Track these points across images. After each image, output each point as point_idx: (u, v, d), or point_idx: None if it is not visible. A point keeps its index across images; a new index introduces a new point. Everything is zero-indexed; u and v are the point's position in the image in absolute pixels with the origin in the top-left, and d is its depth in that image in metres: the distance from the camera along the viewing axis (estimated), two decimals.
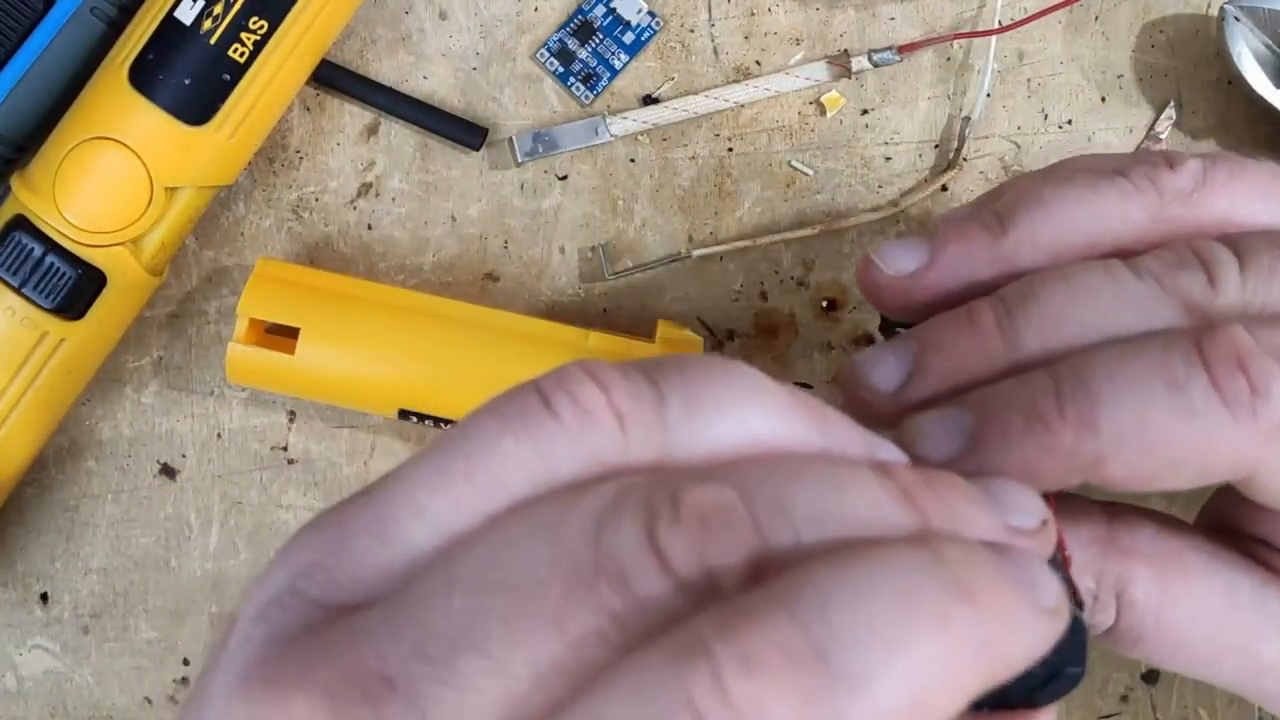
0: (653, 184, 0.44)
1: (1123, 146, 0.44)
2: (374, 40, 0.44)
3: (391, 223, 0.44)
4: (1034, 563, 0.21)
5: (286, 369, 0.40)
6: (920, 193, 0.44)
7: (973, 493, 0.22)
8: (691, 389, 0.21)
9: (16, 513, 0.45)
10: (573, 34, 0.44)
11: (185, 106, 0.38)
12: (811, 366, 0.44)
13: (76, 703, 0.45)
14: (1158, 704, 0.44)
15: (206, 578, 0.45)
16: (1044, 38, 0.44)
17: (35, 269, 0.39)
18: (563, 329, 0.41)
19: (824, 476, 0.20)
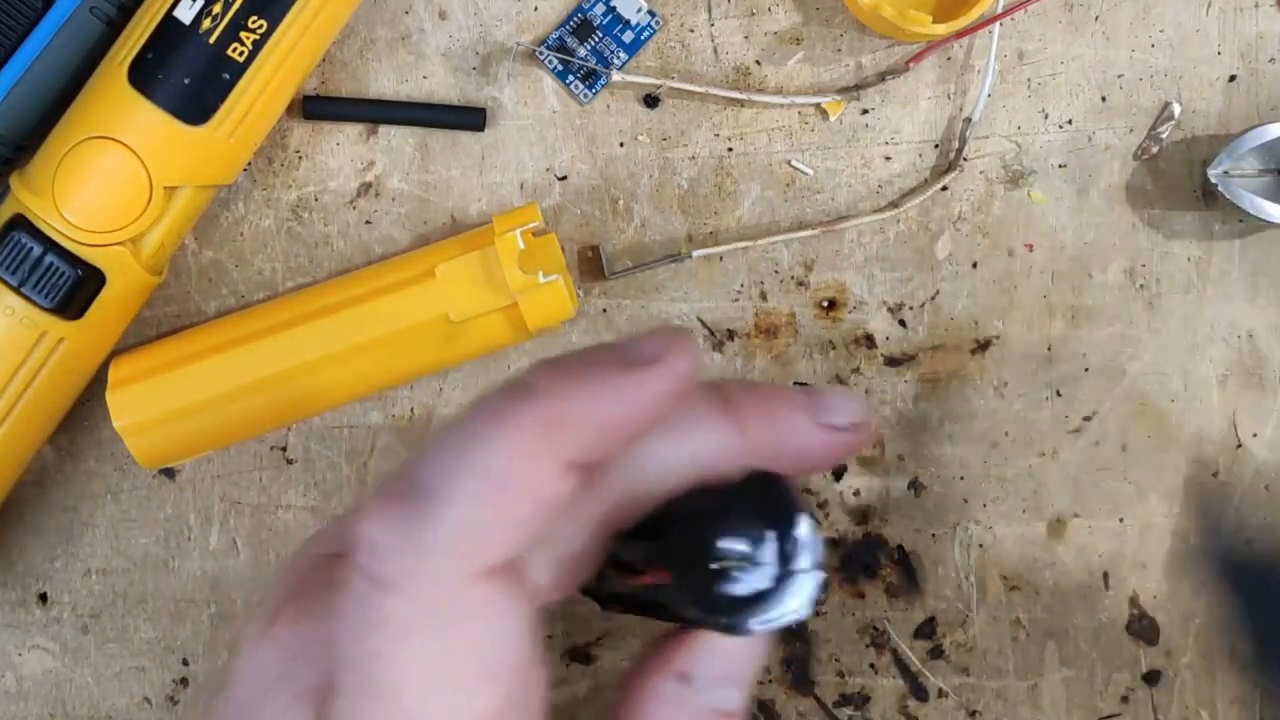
0: (653, 184, 0.44)
1: (1123, 146, 0.44)
2: (374, 40, 0.44)
3: (391, 223, 0.44)
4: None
5: (190, 437, 0.42)
6: (920, 193, 0.44)
7: (797, 399, 0.27)
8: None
9: (16, 513, 0.45)
10: (572, 32, 0.44)
11: (184, 106, 0.38)
12: (812, 366, 0.44)
13: (76, 703, 0.45)
14: (1158, 704, 0.44)
15: (206, 578, 0.45)
16: (1044, 38, 0.44)
17: (34, 268, 0.39)
18: (409, 267, 0.42)
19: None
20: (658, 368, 0.24)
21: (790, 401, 0.27)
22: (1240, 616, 0.44)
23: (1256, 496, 0.44)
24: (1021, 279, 0.44)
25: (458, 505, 0.22)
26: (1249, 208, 0.42)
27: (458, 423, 0.23)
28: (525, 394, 0.23)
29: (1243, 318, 0.44)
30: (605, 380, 0.24)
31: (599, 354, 0.24)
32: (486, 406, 0.23)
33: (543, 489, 0.23)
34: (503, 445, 0.22)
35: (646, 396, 0.24)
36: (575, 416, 0.23)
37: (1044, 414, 0.44)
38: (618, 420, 0.24)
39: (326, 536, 0.28)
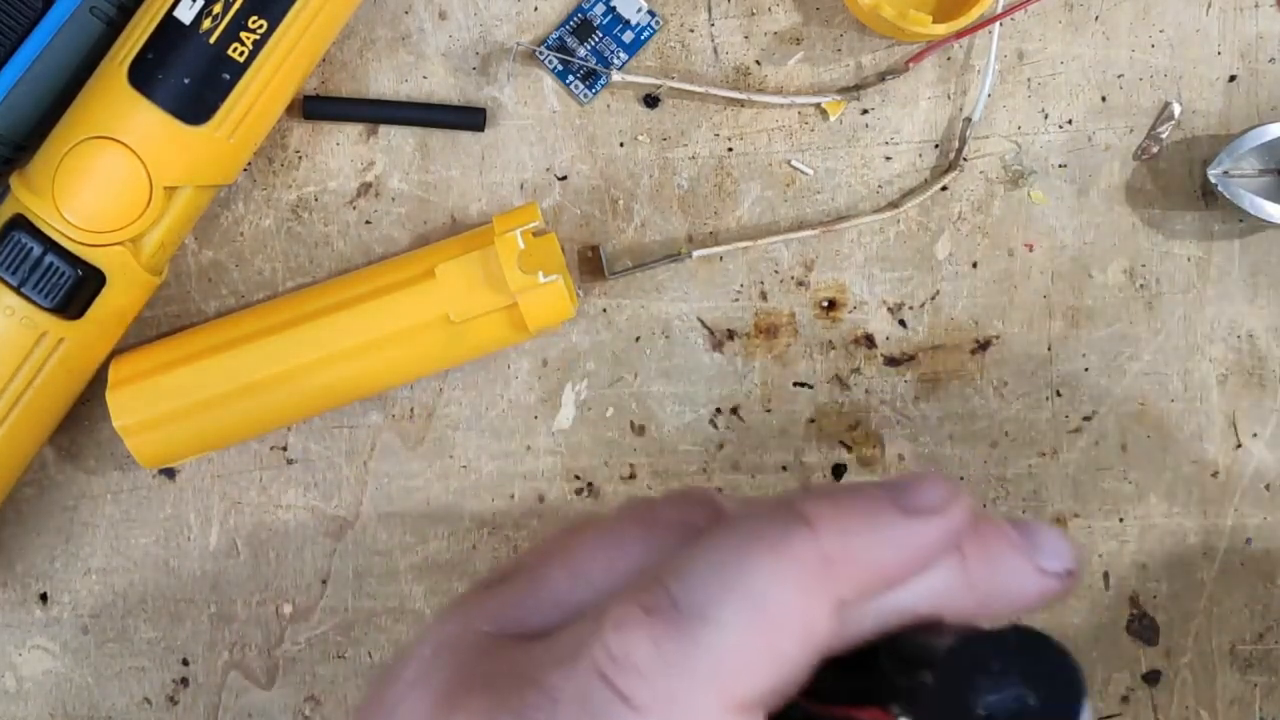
0: (653, 184, 0.44)
1: (1123, 146, 0.44)
2: (374, 40, 0.44)
3: (391, 223, 0.44)
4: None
5: (190, 437, 0.42)
6: (920, 193, 0.44)
7: (1013, 537, 0.26)
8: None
9: (16, 513, 0.45)
10: (572, 32, 0.44)
11: (184, 106, 0.38)
12: (812, 366, 0.44)
13: (76, 703, 0.45)
14: (1158, 705, 0.44)
15: (206, 578, 0.45)
16: (1044, 38, 0.44)
17: (35, 268, 0.39)
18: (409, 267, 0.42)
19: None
20: (940, 519, 0.24)
21: (1007, 540, 0.26)
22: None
23: (1256, 496, 0.44)
24: (1021, 279, 0.44)
25: (728, 634, 0.22)
26: (1249, 208, 0.42)
27: (722, 540, 0.23)
28: (801, 525, 0.23)
29: (1243, 318, 0.44)
30: (887, 524, 0.23)
31: (876, 494, 0.24)
32: (757, 530, 0.23)
33: (813, 626, 0.22)
34: (779, 576, 0.22)
35: (925, 545, 0.24)
36: (856, 557, 0.23)
37: (1044, 414, 0.44)
38: (894, 566, 0.23)
39: (487, 611, 0.27)
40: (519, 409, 0.44)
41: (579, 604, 0.26)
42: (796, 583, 0.22)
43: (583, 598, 0.26)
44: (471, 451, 0.45)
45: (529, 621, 0.27)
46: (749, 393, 0.44)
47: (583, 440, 0.44)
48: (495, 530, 0.45)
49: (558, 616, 0.26)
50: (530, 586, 0.27)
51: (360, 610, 0.45)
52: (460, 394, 0.44)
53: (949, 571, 0.25)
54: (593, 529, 0.28)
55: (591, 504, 0.44)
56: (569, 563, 0.27)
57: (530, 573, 0.28)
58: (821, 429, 0.44)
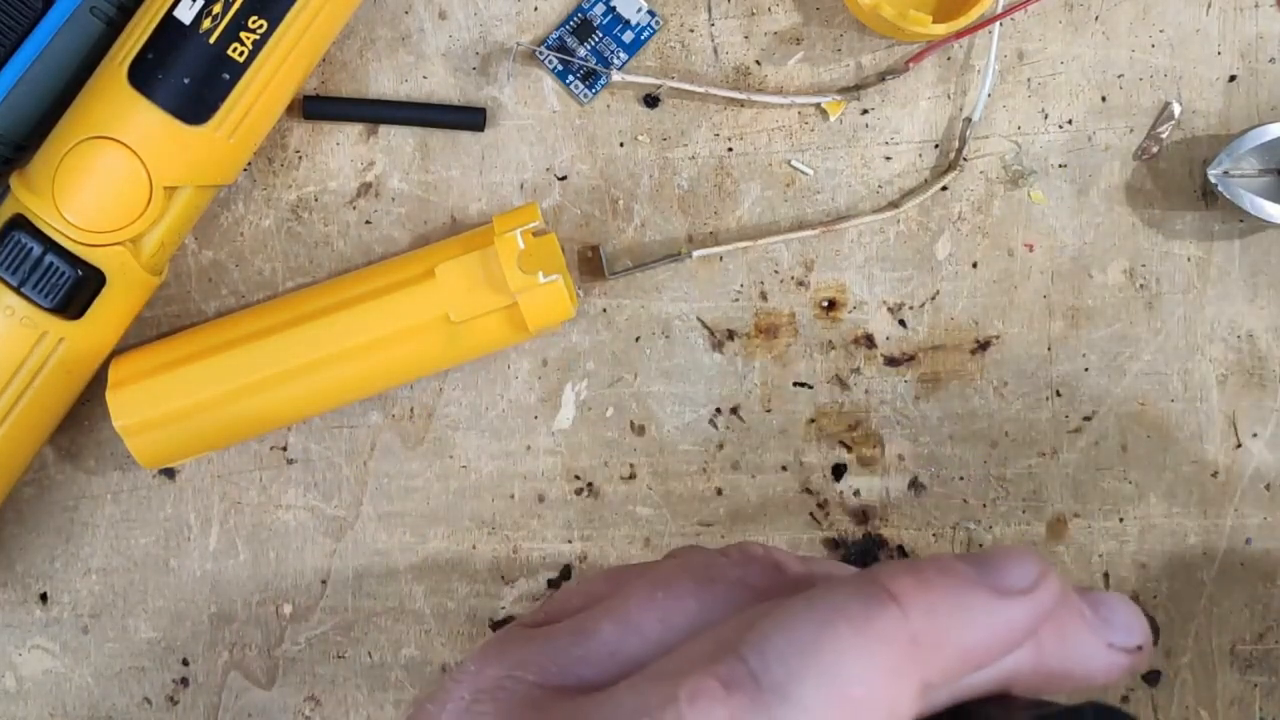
0: (653, 184, 0.44)
1: (1123, 146, 0.44)
2: (374, 40, 0.44)
3: (391, 223, 0.44)
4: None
5: (190, 437, 0.42)
6: (920, 193, 0.44)
7: (1084, 612, 0.25)
8: None
9: (16, 513, 0.45)
10: (572, 32, 0.44)
11: (184, 106, 0.38)
12: (812, 366, 0.44)
13: (76, 703, 0.45)
14: (1159, 705, 0.44)
15: (206, 578, 0.45)
16: (1044, 38, 0.44)
17: (35, 268, 0.39)
18: (409, 267, 0.42)
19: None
20: (1030, 601, 0.23)
21: (1081, 616, 0.25)
22: None
23: (1257, 496, 0.44)
24: (1021, 279, 0.44)
25: (808, 715, 0.21)
26: (1249, 208, 0.42)
27: (804, 614, 0.22)
28: (886, 602, 0.22)
29: (1243, 318, 0.44)
30: (976, 605, 0.23)
31: (964, 571, 0.23)
32: (839, 606, 0.22)
33: (897, 709, 0.22)
34: (864, 656, 0.21)
35: (1015, 630, 0.23)
36: (944, 639, 0.22)
37: (1044, 414, 0.44)
38: (982, 650, 0.23)
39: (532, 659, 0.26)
40: (519, 409, 0.44)
41: (631, 658, 0.26)
42: (883, 664, 0.21)
43: (635, 652, 0.26)
44: (471, 451, 0.45)
45: (577, 673, 0.26)
46: (749, 393, 0.44)
47: (583, 440, 0.44)
48: (495, 530, 0.45)
49: (609, 671, 0.26)
50: (579, 637, 0.26)
51: (360, 610, 0.45)
52: (460, 394, 0.44)
53: (1023, 648, 0.25)
54: (644, 579, 0.27)
55: (591, 504, 0.45)
56: (620, 614, 0.26)
57: (579, 623, 0.27)
58: (821, 429, 0.44)
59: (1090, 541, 0.44)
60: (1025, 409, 0.44)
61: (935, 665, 0.22)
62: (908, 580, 0.22)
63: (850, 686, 0.21)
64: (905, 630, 0.22)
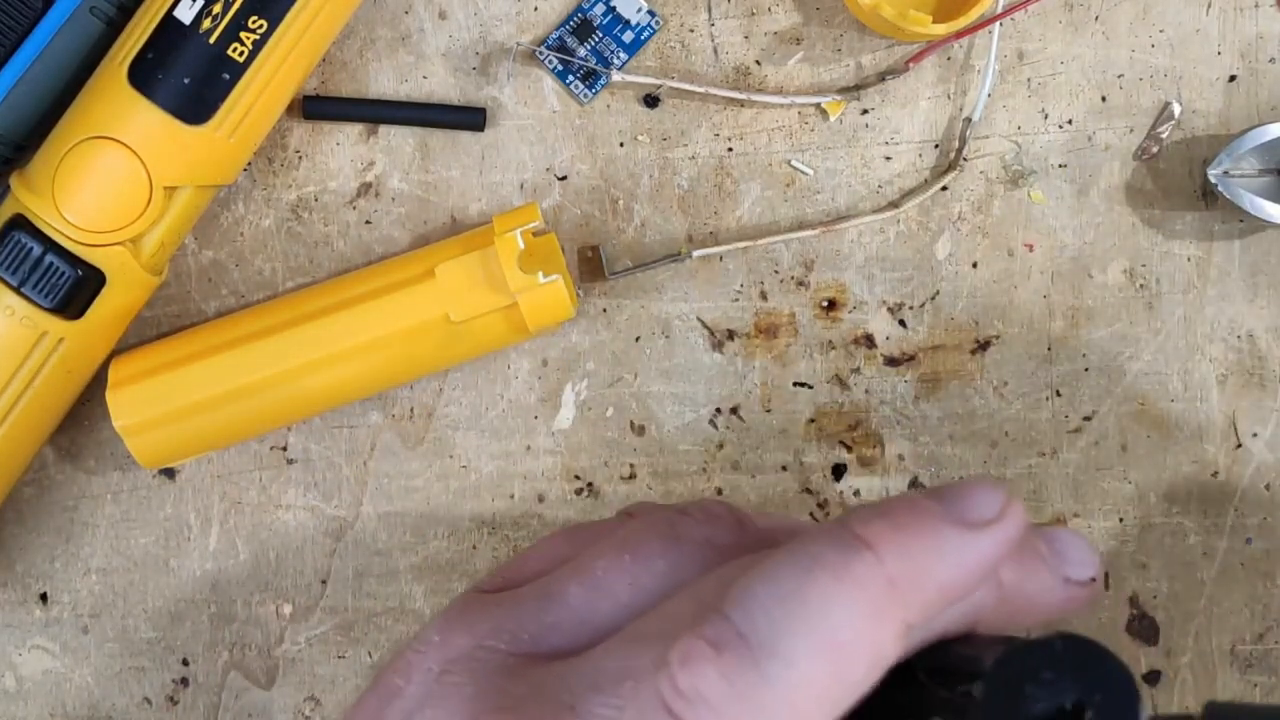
0: (653, 184, 0.44)
1: (1123, 146, 0.44)
2: (374, 40, 0.44)
3: (391, 223, 0.44)
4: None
5: (190, 437, 0.42)
6: (920, 193, 0.44)
7: (1039, 547, 0.26)
8: None
9: (16, 513, 0.45)
10: (572, 32, 0.44)
11: (184, 106, 0.38)
12: (812, 366, 0.44)
13: (76, 703, 0.45)
14: (1159, 705, 0.44)
15: (206, 578, 0.45)
16: (1044, 38, 0.44)
17: (35, 268, 0.39)
18: (409, 267, 0.42)
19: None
20: (999, 530, 0.23)
21: (1035, 552, 0.26)
22: None
23: (1256, 496, 0.44)
24: (1021, 279, 0.44)
25: (801, 667, 0.21)
26: (1249, 208, 0.42)
27: (783, 568, 0.22)
28: (860, 548, 0.22)
29: (1243, 318, 0.44)
30: (946, 540, 0.23)
31: (931, 508, 0.23)
32: (816, 556, 0.22)
33: (881, 651, 0.22)
34: (845, 604, 0.22)
35: (988, 559, 0.23)
36: (919, 578, 0.22)
37: (1044, 414, 0.44)
38: (959, 584, 0.23)
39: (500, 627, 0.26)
40: (519, 409, 0.44)
41: (602, 622, 0.26)
42: (865, 609, 0.22)
43: (606, 616, 0.26)
44: (471, 451, 0.45)
45: (549, 640, 0.26)
46: (749, 393, 0.44)
47: (583, 440, 0.44)
48: (495, 530, 0.45)
49: (580, 636, 0.26)
50: (547, 603, 0.26)
51: (360, 610, 0.45)
52: (460, 394, 0.44)
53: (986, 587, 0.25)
54: (610, 541, 0.27)
55: (591, 504, 0.44)
56: (588, 578, 0.26)
57: (544, 587, 0.27)
58: (821, 429, 0.44)
59: (1090, 541, 0.44)
60: (1025, 409, 0.44)
61: (915, 604, 0.22)
62: (880, 524, 0.23)
63: (835, 634, 0.21)
64: (882, 573, 0.22)
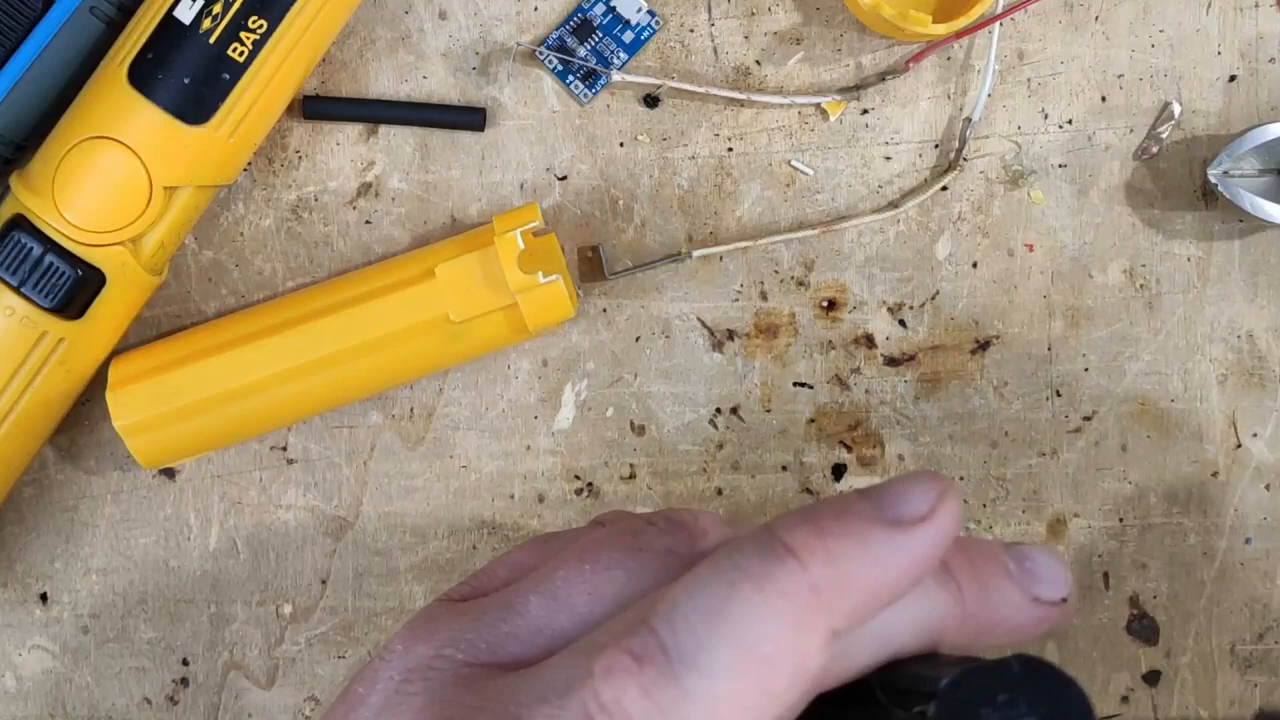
0: (653, 184, 0.44)
1: (1123, 146, 0.44)
2: (374, 40, 0.44)
3: (391, 223, 0.44)
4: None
5: (190, 437, 0.42)
6: (920, 193, 0.44)
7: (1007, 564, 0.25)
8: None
9: (16, 513, 0.45)
10: (572, 32, 0.44)
11: (184, 106, 0.38)
12: (812, 366, 0.44)
13: (76, 703, 0.45)
14: (1158, 704, 0.44)
15: (206, 578, 0.45)
16: (1044, 38, 0.44)
17: (35, 268, 0.39)
18: (409, 267, 0.42)
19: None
20: (928, 529, 0.23)
21: (1002, 569, 0.25)
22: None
23: (1256, 496, 0.44)
24: (1021, 279, 0.44)
25: (720, 680, 0.21)
26: (1249, 208, 0.42)
27: (706, 579, 0.22)
28: (784, 556, 0.22)
29: (1242, 318, 0.44)
30: (872, 541, 0.22)
31: (858, 509, 0.23)
32: (739, 565, 0.22)
33: (807, 661, 0.22)
34: (766, 614, 0.21)
35: (916, 560, 0.23)
36: (844, 583, 0.22)
37: (1044, 414, 0.44)
38: (886, 586, 0.22)
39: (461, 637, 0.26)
40: (519, 409, 0.44)
41: (560, 632, 0.26)
42: (786, 619, 0.21)
43: (564, 626, 0.26)
44: (471, 451, 0.45)
45: (507, 650, 0.26)
46: (749, 393, 0.44)
47: (583, 440, 0.44)
48: (495, 530, 0.45)
49: (539, 646, 0.26)
50: (507, 613, 0.26)
51: (360, 610, 0.45)
52: (460, 394, 0.44)
53: (943, 602, 0.25)
54: (571, 551, 0.27)
55: (591, 504, 0.44)
56: (548, 588, 0.26)
57: (506, 597, 0.27)
58: (821, 429, 0.44)
59: (1090, 541, 0.44)
60: (1025, 409, 0.44)
61: (840, 610, 0.22)
62: (804, 530, 0.22)
63: (757, 645, 0.21)
64: (805, 581, 0.22)
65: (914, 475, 0.24)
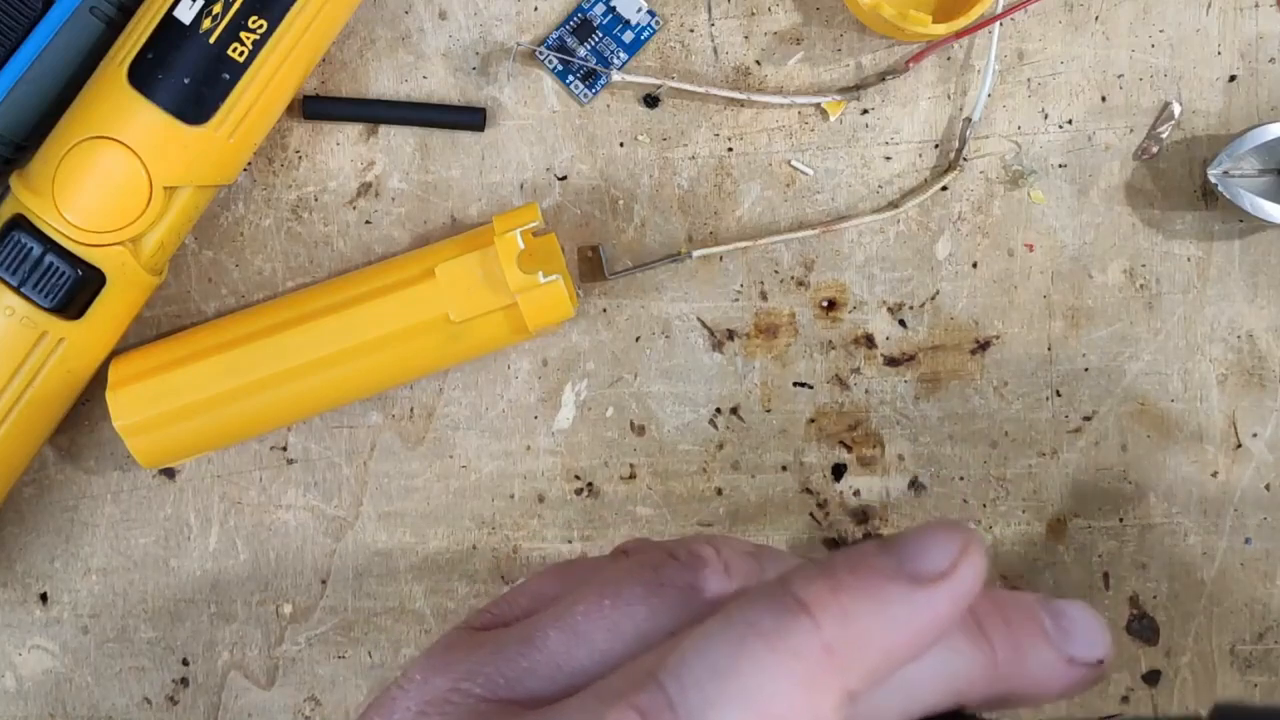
0: (653, 184, 0.44)
1: (1123, 146, 0.44)
2: (374, 40, 0.44)
3: (391, 223, 0.44)
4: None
5: (190, 437, 0.42)
6: (920, 193, 0.44)
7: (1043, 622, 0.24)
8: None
9: (16, 513, 0.45)
10: (572, 32, 0.44)
11: (184, 106, 0.38)
12: (812, 366, 0.44)
13: (76, 703, 0.45)
14: (1159, 705, 0.44)
15: (206, 578, 0.45)
16: (1044, 38, 0.44)
17: (35, 268, 0.39)
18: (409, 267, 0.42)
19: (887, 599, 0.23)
20: (949, 587, 0.22)
21: (1037, 627, 0.24)
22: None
23: (1256, 496, 0.44)
24: (1021, 279, 0.44)
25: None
26: (1249, 208, 0.42)
27: (719, 633, 0.22)
28: (797, 612, 0.21)
29: (1242, 318, 0.44)
30: (890, 599, 0.21)
31: (877, 562, 0.22)
32: (752, 623, 0.21)
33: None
34: (778, 674, 0.21)
35: (938, 618, 0.22)
36: (860, 643, 0.21)
37: (1044, 414, 0.44)
38: (904, 646, 0.22)
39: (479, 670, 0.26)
40: (519, 409, 0.44)
41: (580, 669, 0.25)
42: (799, 679, 0.21)
43: (584, 663, 0.25)
44: (471, 451, 0.45)
45: (525, 686, 0.26)
46: (749, 393, 0.44)
47: (583, 440, 0.44)
48: (495, 530, 0.45)
49: (557, 683, 0.25)
50: (526, 647, 0.26)
51: (360, 610, 0.45)
52: (460, 394, 0.44)
53: (974, 660, 0.24)
54: (593, 585, 0.27)
55: (591, 504, 0.44)
56: (569, 624, 0.26)
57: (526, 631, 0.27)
58: (821, 429, 0.44)
59: (1090, 541, 0.44)
60: (1025, 409, 0.44)
61: (856, 671, 0.21)
62: (819, 586, 0.22)
63: (768, 707, 0.21)
64: (818, 641, 0.21)
65: (936, 526, 0.23)
